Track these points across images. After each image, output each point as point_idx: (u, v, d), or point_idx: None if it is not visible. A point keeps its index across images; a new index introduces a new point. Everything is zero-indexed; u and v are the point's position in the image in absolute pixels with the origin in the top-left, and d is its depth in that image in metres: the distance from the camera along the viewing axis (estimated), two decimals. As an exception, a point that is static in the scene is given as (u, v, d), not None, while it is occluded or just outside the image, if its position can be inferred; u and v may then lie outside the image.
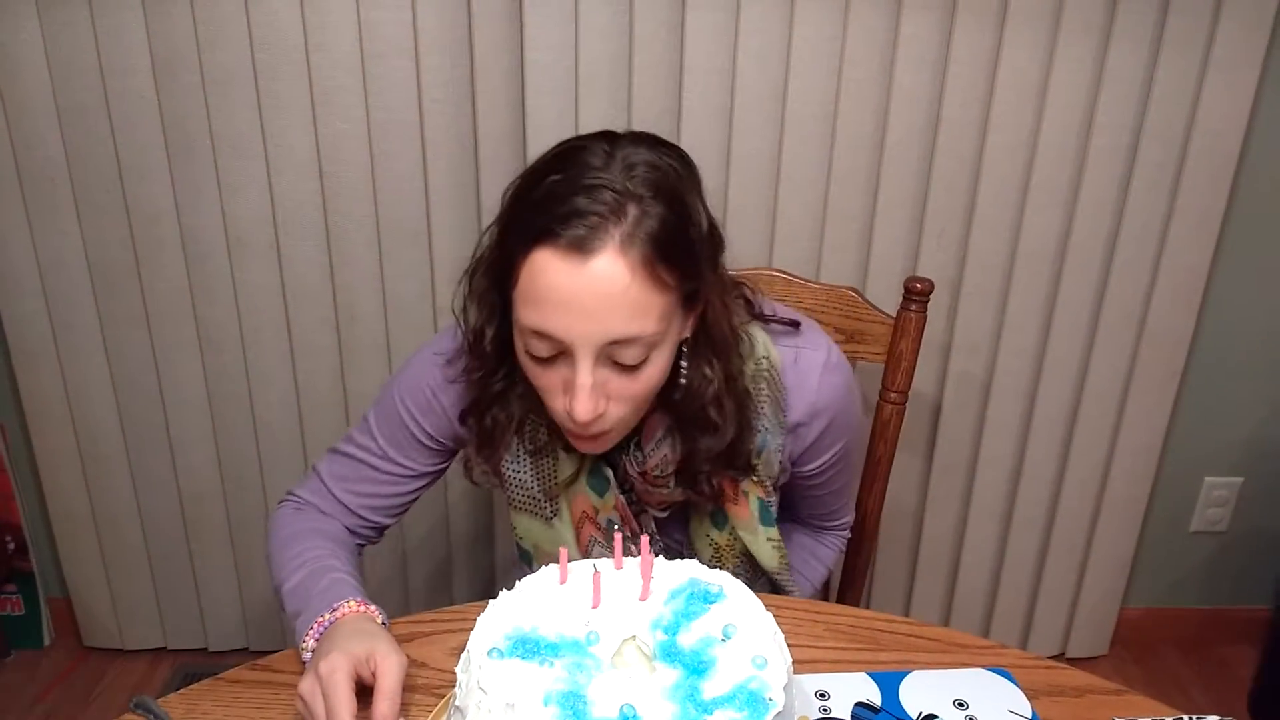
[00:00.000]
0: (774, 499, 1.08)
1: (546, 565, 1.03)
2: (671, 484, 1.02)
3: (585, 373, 0.87)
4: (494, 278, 0.93)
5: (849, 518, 1.28)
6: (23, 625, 1.95)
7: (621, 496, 1.05)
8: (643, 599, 0.79)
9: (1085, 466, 1.81)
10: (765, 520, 1.06)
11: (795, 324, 1.06)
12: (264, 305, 1.66)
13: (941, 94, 1.54)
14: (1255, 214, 1.68)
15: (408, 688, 0.86)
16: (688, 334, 0.95)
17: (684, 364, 0.95)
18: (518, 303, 0.88)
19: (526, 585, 0.80)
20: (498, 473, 1.07)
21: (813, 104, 1.54)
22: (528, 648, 0.72)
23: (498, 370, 0.98)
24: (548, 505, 1.05)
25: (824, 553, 1.27)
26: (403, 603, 1.89)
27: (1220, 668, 2.00)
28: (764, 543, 1.07)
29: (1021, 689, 0.91)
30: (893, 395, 1.33)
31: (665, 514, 1.08)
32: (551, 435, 1.02)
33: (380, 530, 1.14)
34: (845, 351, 1.29)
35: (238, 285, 1.64)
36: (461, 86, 1.53)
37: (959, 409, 1.77)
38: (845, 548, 1.31)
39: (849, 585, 1.43)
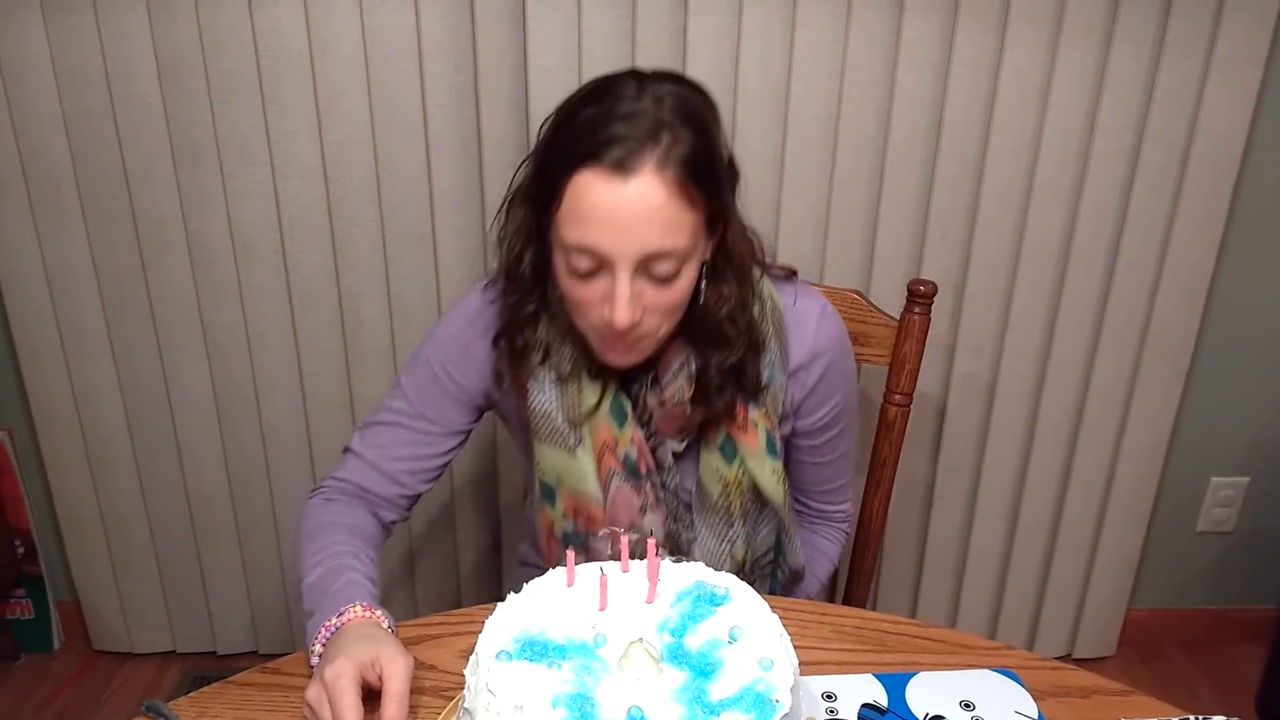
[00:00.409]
0: (778, 435, 1.13)
1: (569, 500, 1.09)
2: (688, 410, 1.07)
3: (624, 284, 0.94)
4: (532, 204, 1.01)
5: (848, 505, 1.29)
6: (32, 629, 1.96)
7: (639, 430, 1.09)
8: (649, 601, 0.79)
9: (1091, 467, 1.81)
10: (771, 451, 1.11)
11: (793, 273, 1.15)
12: (269, 310, 1.66)
13: (944, 96, 1.54)
14: (1259, 214, 1.68)
15: (416, 690, 0.86)
16: (708, 256, 1.02)
17: (703, 283, 1.02)
18: (561, 223, 0.95)
19: (534, 588, 0.80)
20: (523, 398, 1.09)
21: (815, 106, 1.54)
22: (535, 650, 0.73)
23: (532, 292, 1.06)
24: (571, 435, 1.08)
25: (828, 547, 1.28)
26: (410, 605, 1.89)
27: (1228, 668, 2.00)
28: (769, 474, 1.11)
29: (1028, 690, 0.91)
30: (897, 397, 1.33)
31: (682, 446, 1.12)
32: (575, 365, 1.07)
33: (412, 500, 1.16)
34: (849, 354, 1.30)
35: (244, 289, 1.65)
36: (465, 91, 1.53)
37: (964, 411, 1.77)
38: (847, 542, 1.32)
39: (855, 587, 1.43)
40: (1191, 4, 1.49)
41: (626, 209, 0.91)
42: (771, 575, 1.20)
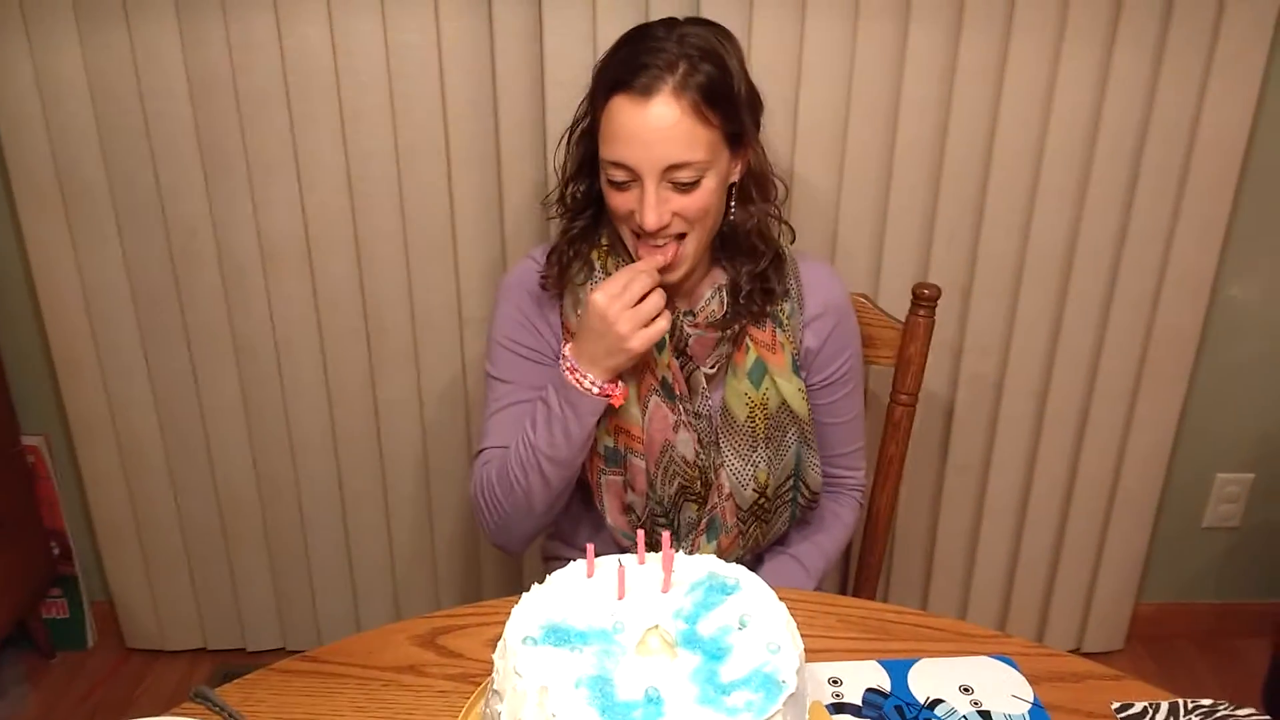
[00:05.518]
0: (798, 360, 1.26)
1: (611, 417, 1.21)
2: (719, 331, 1.21)
3: (651, 192, 1.11)
4: (583, 134, 1.19)
5: (862, 473, 1.38)
6: (67, 628, 2.02)
7: (675, 360, 1.22)
8: (664, 591, 0.84)
9: (1097, 464, 1.84)
10: (795, 370, 1.25)
11: (792, 236, 1.32)
12: (296, 317, 1.72)
13: (949, 102, 1.58)
14: (1261, 212, 1.71)
15: (444, 677, 0.91)
16: (735, 178, 1.18)
17: (732, 204, 1.20)
18: (601, 143, 1.13)
19: (557, 579, 0.85)
20: (567, 325, 1.24)
21: (823, 114, 1.58)
22: (559, 636, 0.77)
23: (582, 214, 1.24)
24: None
25: (844, 513, 1.37)
26: (433, 599, 1.95)
27: (1235, 661, 2.03)
28: (795, 391, 1.25)
29: (1024, 675, 0.96)
30: (903, 397, 1.37)
31: (712, 370, 1.24)
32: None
33: None
34: (856, 356, 1.34)
35: (271, 298, 1.70)
36: (484, 105, 1.58)
37: (971, 410, 1.81)
38: (861, 513, 1.40)
39: (864, 582, 1.47)
40: (1191, 9, 1.52)
41: (649, 127, 1.08)
42: (792, 501, 1.29)
